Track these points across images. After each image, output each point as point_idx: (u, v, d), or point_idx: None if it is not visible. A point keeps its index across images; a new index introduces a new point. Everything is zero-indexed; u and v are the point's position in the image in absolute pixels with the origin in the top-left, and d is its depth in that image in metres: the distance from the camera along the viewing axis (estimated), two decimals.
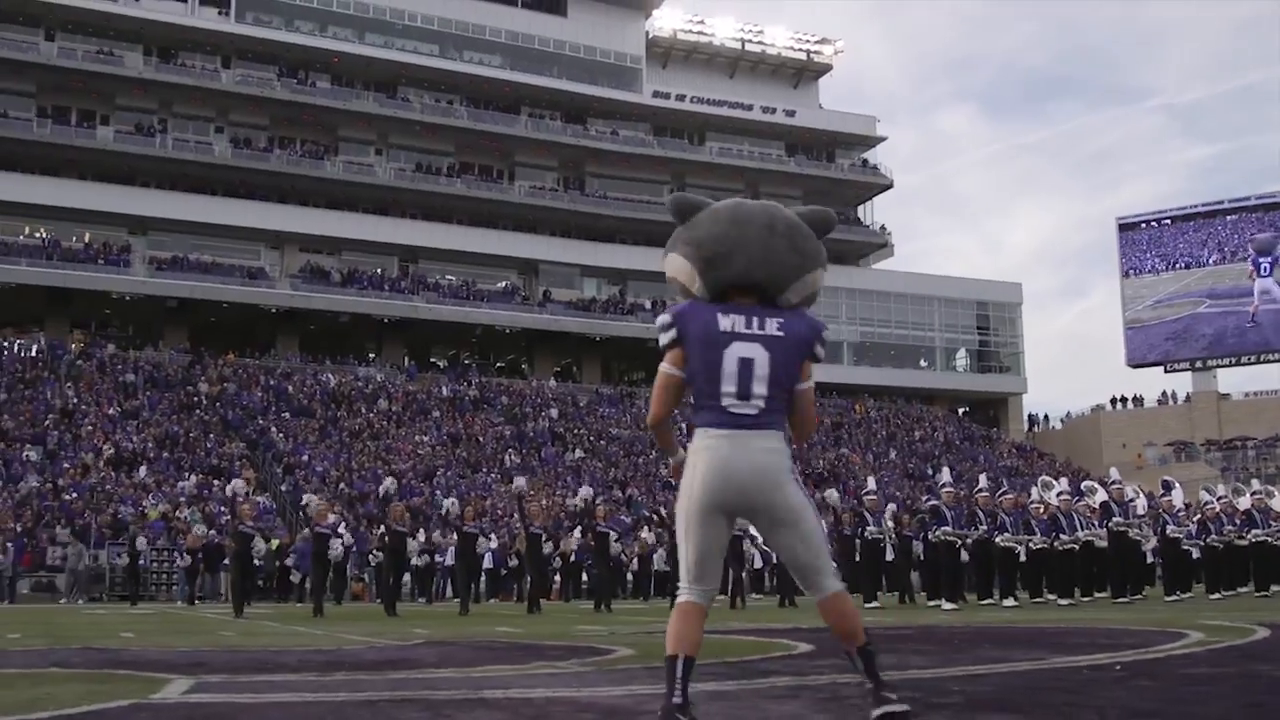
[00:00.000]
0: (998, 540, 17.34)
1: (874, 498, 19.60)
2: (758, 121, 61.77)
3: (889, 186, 64.44)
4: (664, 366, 3.74)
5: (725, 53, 62.90)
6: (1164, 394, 63.18)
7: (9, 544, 28.14)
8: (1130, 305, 62.69)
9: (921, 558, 18.95)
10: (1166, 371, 62.10)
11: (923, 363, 62.97)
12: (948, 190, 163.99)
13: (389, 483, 21.38)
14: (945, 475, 19.10)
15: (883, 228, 64.55)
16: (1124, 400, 63.02)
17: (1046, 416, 67.77)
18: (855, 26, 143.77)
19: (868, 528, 18.62)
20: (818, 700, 4.50)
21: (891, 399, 59.44)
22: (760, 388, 3.70)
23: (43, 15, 49.69)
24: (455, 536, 21.24)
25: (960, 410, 63.86)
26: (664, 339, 3.73)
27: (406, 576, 29.26)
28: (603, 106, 59.14)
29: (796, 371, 3.72)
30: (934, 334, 62.77)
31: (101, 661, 7.11)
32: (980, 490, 18.70)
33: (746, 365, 3.71)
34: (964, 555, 17.86)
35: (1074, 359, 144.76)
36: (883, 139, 65.06)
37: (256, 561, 25.15)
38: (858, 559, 18.76)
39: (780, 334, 3.72)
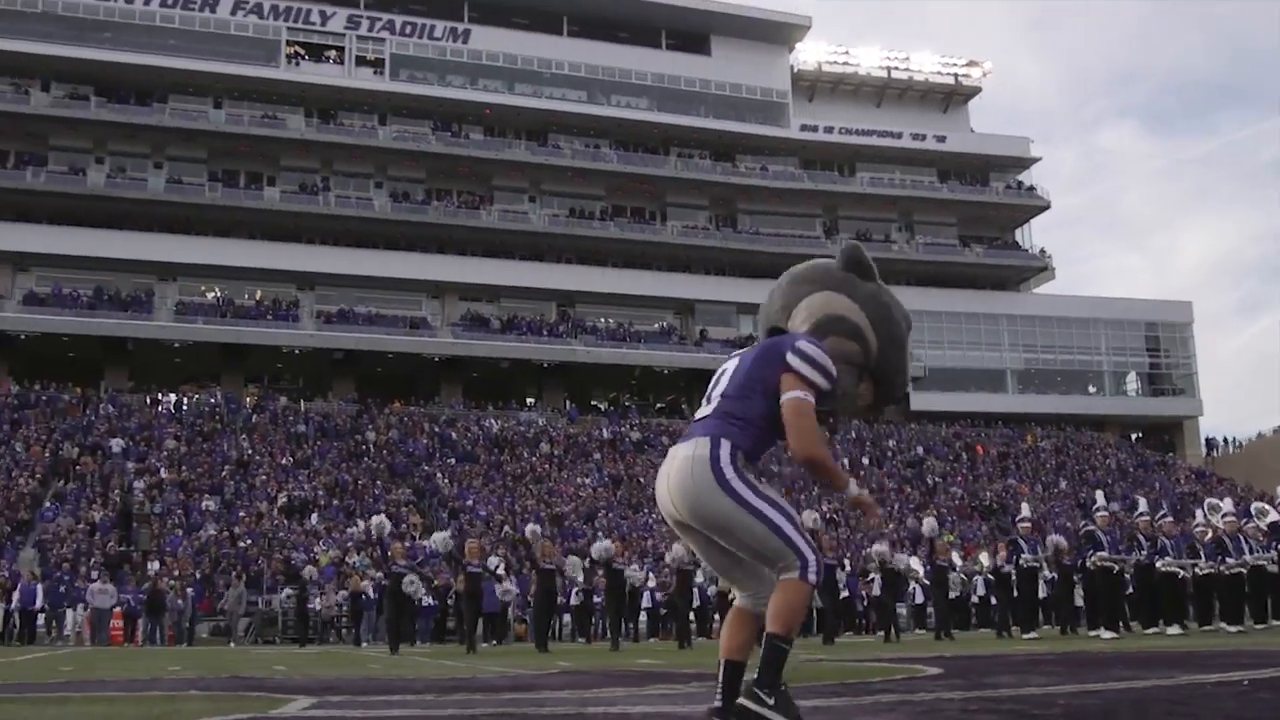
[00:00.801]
0: (1159, 565, 16.74)
1: (1027, 525, 19.16)
2: (908, 149, 61.16)
3: (1046, 208, 63.03)
4: None
5: (871, 82, 62.54)
6: None
7: (188, 589, 29.25)
8: None
9: (1079, 586, 18.44)
10: None
11: (1091, 388, 61.17)
12: (1112, 210, 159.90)
13: (532, 526, 21.70)
14: (1100, 499, 18.52)
15: (1042, 251, 63.11)
16: None
17: (1226, 440, 64.92)
18: (1008, 47, 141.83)
19: (1022, 555, 18.22)
20: (915, 714, 4.45)
21: (1060, 426, 57.81)
22: (718, 390, 3.84)
23: (210, 85, 51.97)
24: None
25: (1133, 436, 61.76)
26: None
27: (566, 617, 29.56)
28: (751, 143, 59.26)
29: (766, 377, 3.77)
30: (1101, 358, 60.96)
31: (240, 686, 7.38)
32: (1141, 514, 18.14)
33: (719, 375, 3.95)
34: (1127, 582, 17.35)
35: (1255, 378, 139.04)
36: (1037, 160, 63.83)
37: (426, 601, 25.66)
38: (1014, 589, 18.40)
39: (755, 348, 3.92)
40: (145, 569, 31.20)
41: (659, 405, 57.11)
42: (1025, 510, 20.97)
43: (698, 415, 3.95)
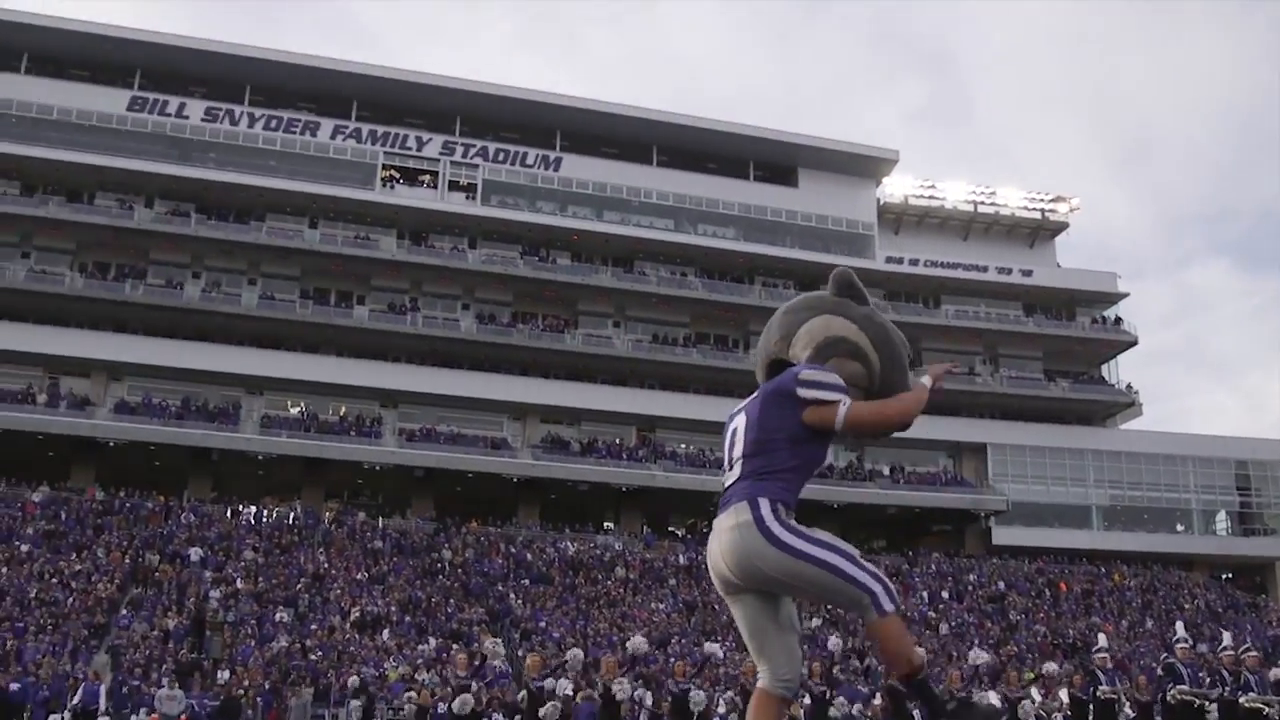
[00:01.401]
0: (1242, 701, 16.10)
1: (1104, 655, 18.66)
2: (993, 282, 60.90)
3: (1134, 343, 62.14)
4: None
5: (958, 215, 62.63)
6: None
7: (258, 699, 29.12)
8: None
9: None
10: None
11: (1179, 526, 59.62)
12: (1204, 347, 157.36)
13: (637, 641, 21.30)
14: (1180, 630, 17.97)
15: (1129, 386, 62.09)
16: None
17: None
18: (1098, 182, 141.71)
19: (1100, 687, 17.72)
20: None
21: (1146, 565, 56.19)
22: (738, 450, 3.80)
23: (307, 205, 53.45)
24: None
25: (1223, 576, 59.87)
26: None
27: None
28: None
29: (783, 423, 3.73)
30: (1190, 495, 59.47)
31: None
32: (1224, 648, 17.54)
33: (733, 435, 4.08)
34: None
35: None
36: (1125, 295, 63.14)
37: None
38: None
39: (757, 395, 4.05)
40: (215, 677, 31.18)
41: None
42: (1102, 641, 20.46)
43: (725, 482, 3.92)
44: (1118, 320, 62.60)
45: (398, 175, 55.17)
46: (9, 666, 29.18)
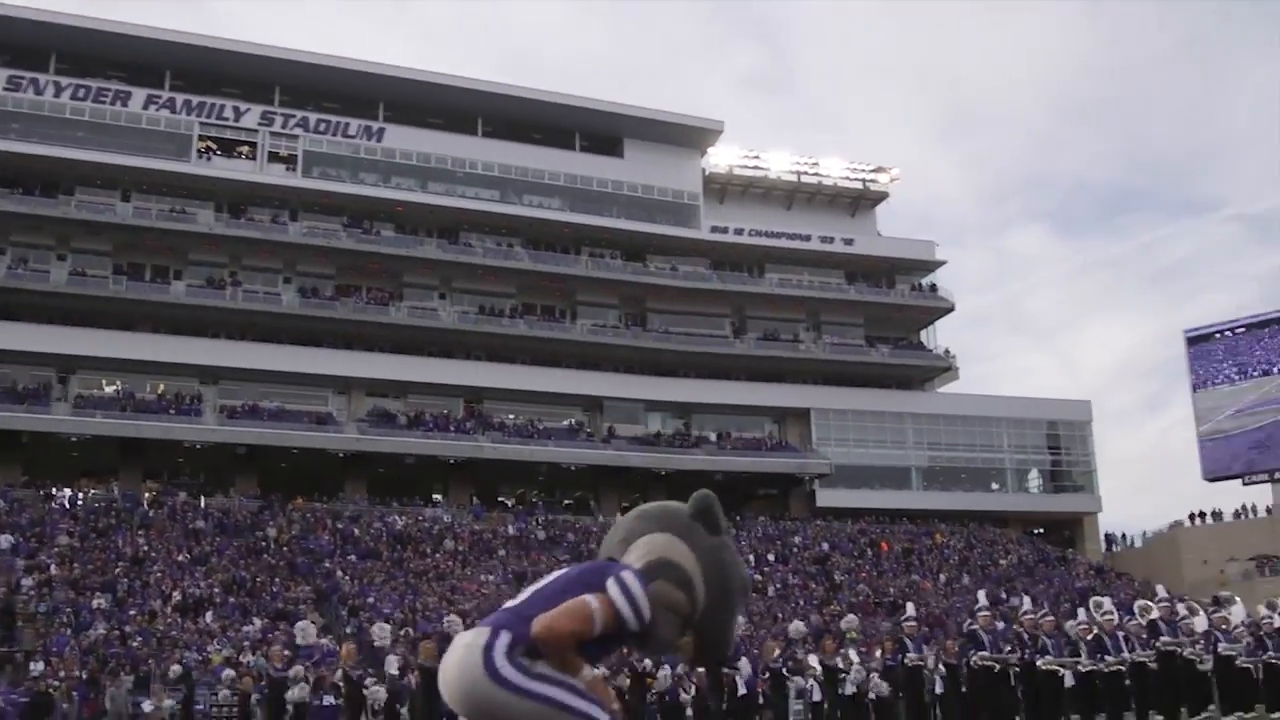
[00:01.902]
0: (1039, 663, 17.03)
1: (913, 624, 19.45)
2: (816, 251, 62.24)
3: (950, 310, 64.31)
4: None
5: (781, 185, 63.79)
6: (1242, 507, 61.58)
7: (74, 692, 28.46)
8: (1206, 418, 61.45)
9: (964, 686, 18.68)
10: (1245, 484, 60.66)
11: (994, 485, 62.14)
12: (1021, 310, 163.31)
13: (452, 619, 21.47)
14: (982, 599, 18.89)
15: (946, 351, 64.30)
16: (1202, 516, 61.57)
17: (1124, 536, 66.24)
18: (921, 153, 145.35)
19: (907, 654, 18.43)
20: None
21: (964, 523, 58.47)
22: (534, 586, 3.77)
23: (118, 178, 51.79)
24: None
25: (1034, 532, 62.66)
26: None
27: None
28: (662, 243, 60.02)
29: (580, 594, 3.64)
30: (1004, 455, 62.04)
31: None
32: (1025, 612, 18.45)
33: (544, 577, 3.87)
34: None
35: (1153, 476, 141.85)
36: (942, 263, 65.24)
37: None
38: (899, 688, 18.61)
39: (583, 565, 3.86)
40: (28, 669, 30.35)
41: (566, 502, 56.97)
42: (910, 610, 21.21)
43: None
44: (933, 287, 64.61)
45: (214, 146, 53.87)
46: None
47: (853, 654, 26.19)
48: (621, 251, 59.79)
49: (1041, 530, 63.44)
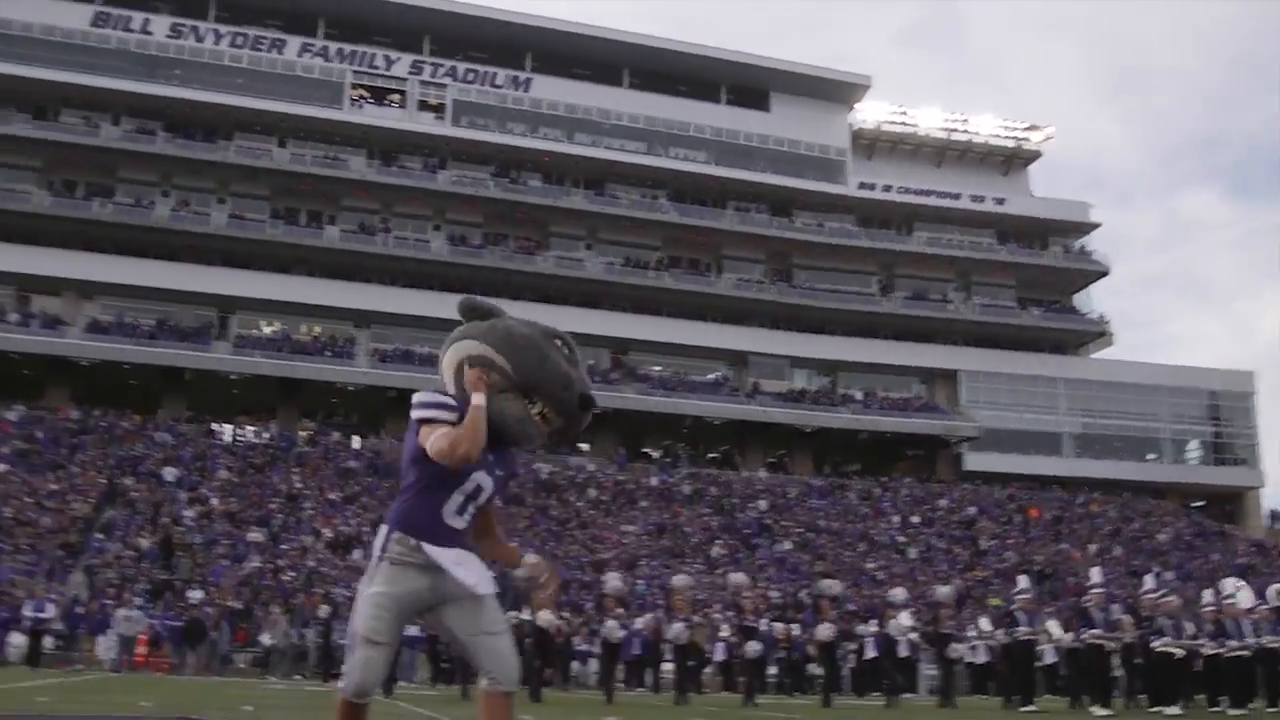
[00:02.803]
0: (1154, 645, 16.42)
1: (1027, 597, 18.92)
2: (966, 210, 60.92)
3: (1104, 274, 62.50)
4: None
5: (931, 142, 62.48)
6: None
7: (223, 620, 29.03)
8: None
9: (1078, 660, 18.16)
10: None
11: (1150, 455, 60.28)
12: (1191, 274, 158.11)
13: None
14: (1095, 576, 18.13)
15: (1101, 316, 62.51)
16: None
17: None
18: (1090, 110, 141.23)
19: (1018, 628, 18.09)
20: None
21: (1117, 493, 56.78)
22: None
23: (275, 124, 52.63)
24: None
25: (1193, 505, 60.51)
26: None
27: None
28: (808, 199, 59.24)
29: (409, 442, 4.04)
30: (1161, 424, 60.02)
31: None
32: (1145, 591, 17.88)
33: None
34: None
35: None
36: (1096, 225, 63.37)
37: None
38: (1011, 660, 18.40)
39: None
40: (185, 597, 31.05)
41: (710, 455, 56.70)
42: (1022, 583, 20.15)
43: None
44: (1084, 250, 62.84)
45: (366, 94, 54.36)
46: None
47: (984, 621, 25.80)
48: (767, 206, 59.13)
49: (1202, 503, 61.25)
